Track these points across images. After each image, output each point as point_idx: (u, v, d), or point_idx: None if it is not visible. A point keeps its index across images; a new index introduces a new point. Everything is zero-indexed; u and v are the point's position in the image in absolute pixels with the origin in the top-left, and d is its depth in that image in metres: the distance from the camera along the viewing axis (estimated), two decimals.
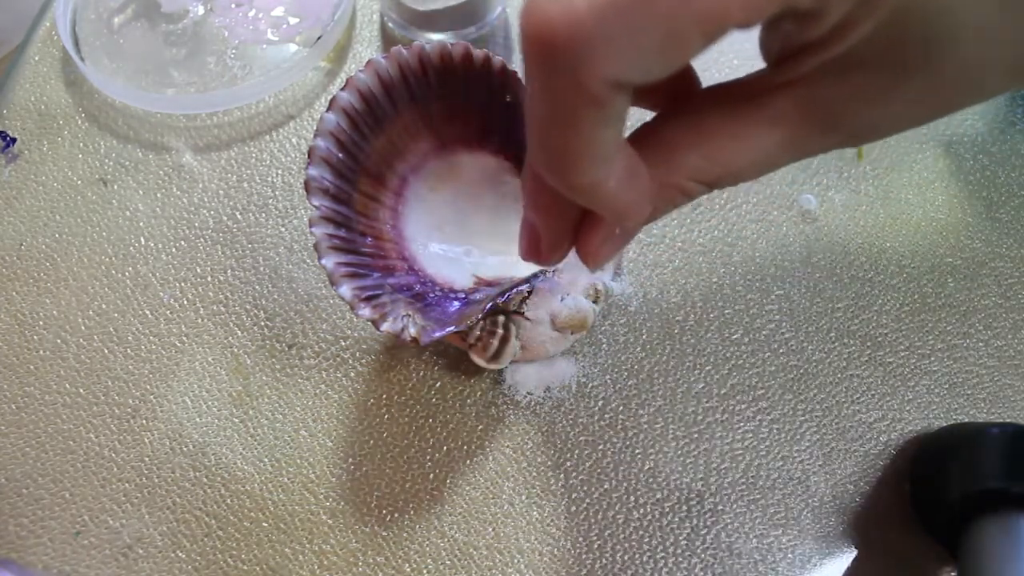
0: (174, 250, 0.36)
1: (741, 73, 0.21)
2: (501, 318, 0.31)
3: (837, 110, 0.19)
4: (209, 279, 0.36)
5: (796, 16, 0.18)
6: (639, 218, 0.20)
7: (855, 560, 0.30)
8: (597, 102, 0.16)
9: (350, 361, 0.34)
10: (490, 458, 0.32)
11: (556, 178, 0.18)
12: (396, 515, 0.31)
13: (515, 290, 0.31)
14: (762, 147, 0.20)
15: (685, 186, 0.20)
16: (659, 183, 0.20)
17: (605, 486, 0.31)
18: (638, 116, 0.21)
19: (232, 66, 0.41)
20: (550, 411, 0.33)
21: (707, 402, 0.33)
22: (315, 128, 0.31)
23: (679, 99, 0.21)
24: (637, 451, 0.32)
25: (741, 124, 0.20)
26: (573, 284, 0.33)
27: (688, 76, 0.22)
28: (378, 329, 0.28)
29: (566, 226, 0.22)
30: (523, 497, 0.31)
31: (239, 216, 0.37)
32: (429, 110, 0.33)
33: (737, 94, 0.20)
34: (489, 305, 0.29)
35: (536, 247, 0.23)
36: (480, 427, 0.33)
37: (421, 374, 0.34)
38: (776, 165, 0.20)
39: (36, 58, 0.42)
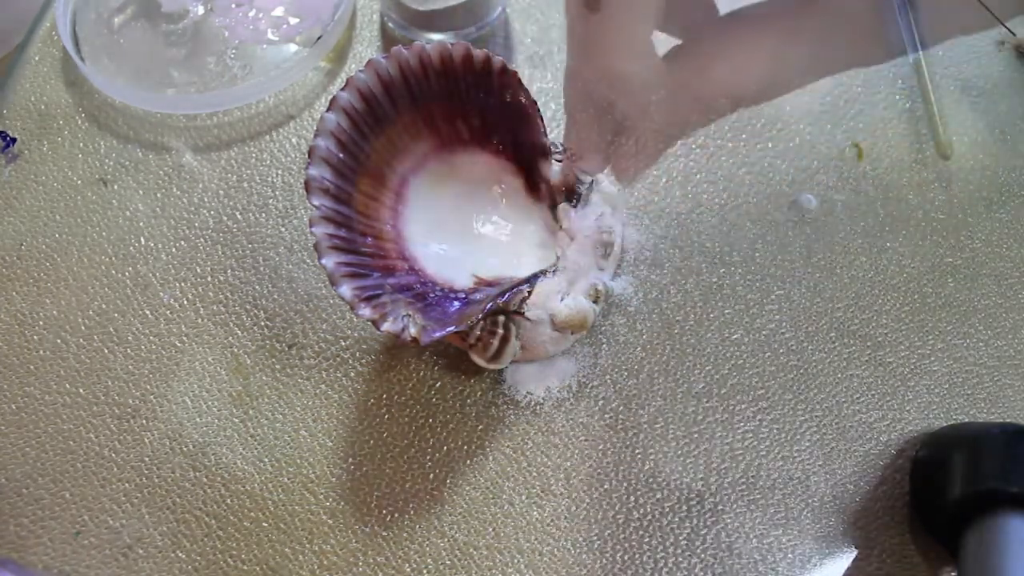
0: (174, 250, 0.36)
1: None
2: (501, 318, 0.31)
3: None
4: (209, 279, 0.36)
5: None
6: None
7: (855, 560, 0.30)
8: None
9: (350, 361, 0.34)
10: (490, 458, 0.32)
11: None
12: (396, 515, 0.31)
13: (515, 290, 0.31)
14: None
15: None
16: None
17: (605, 486, 0.31)
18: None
19: (232, 66, 0.41)
20: (550, 411, 0.33)
21: (707, 402, 0.33)
22: (315, 128, 0.31)
23: None
24: (637, 451, 0.32)
25: None
26: (573, 284, 0.33)
27: None
28: (378, 329, 0.28)
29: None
30: (523, 497, 0.31)
31: (239, 216, 0.37)
32: (429, 110, 0.33)
33: None
34: (489, 305, 0.29)
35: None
36: (480, 427, 0.33)
37: (421, 374, 0.34)
38: None
39: (36, 58, 0.42)
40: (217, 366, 0.34)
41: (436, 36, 0.41)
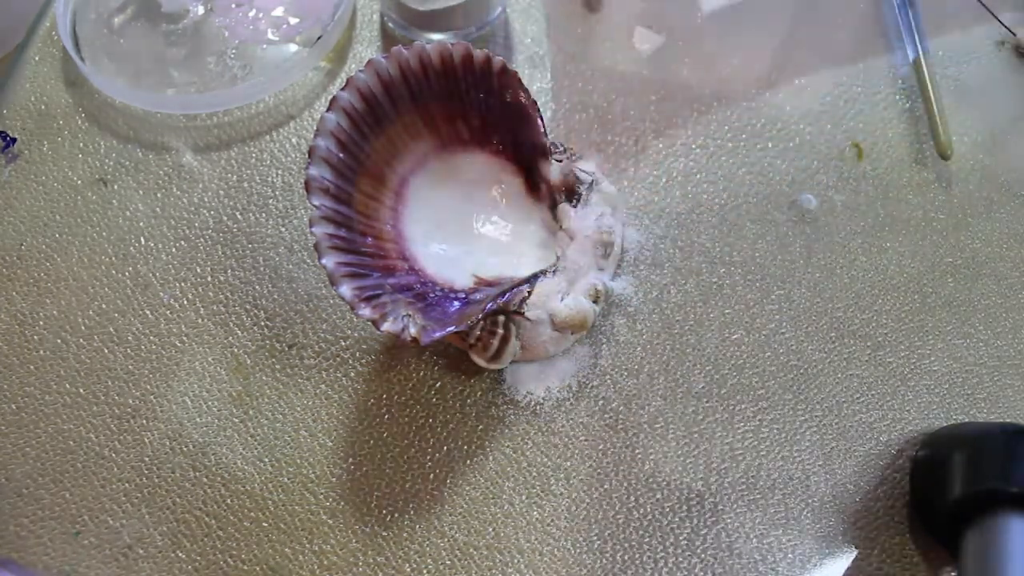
0: (174, 250, 0.36)
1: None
2: (501, 318, 0.31)
3: None
4: (209, 279, 0.36)
5: None
6: None
7: (855, 560, 0.30)
8: None
9: (350, 361, 0.34)
10: (490, 458, 0.32)
11: None
12: (396, 515, 0.31)
13: (515, 290, 0.31)
14: None
15: None
16: None
17: (605, 486, 0.31)
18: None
19: (232, 66, 0.41)
20: (550, 411, 0.33)
21: (707, 402, 0.33)
22: (315, 128, 0.31)
23: None
24: (637, 451, 0.32)
25: None
26: (573, 284, 0.33)
27: None
28: (378, 329, 0.28)
29: None
30: (523, 497, 0.31)
31: (239, 216, 0.37)
32: (429, 110, 0.33)
33: None
34: (489, 305, 0.29)
35: None
36: (480, 427, 0.33)
37: (421, 374, 0.34)
38: None
39: (36, 58, 0.42)
40: (217, 366, 0.34)
41: (436, 36, 0.41)
